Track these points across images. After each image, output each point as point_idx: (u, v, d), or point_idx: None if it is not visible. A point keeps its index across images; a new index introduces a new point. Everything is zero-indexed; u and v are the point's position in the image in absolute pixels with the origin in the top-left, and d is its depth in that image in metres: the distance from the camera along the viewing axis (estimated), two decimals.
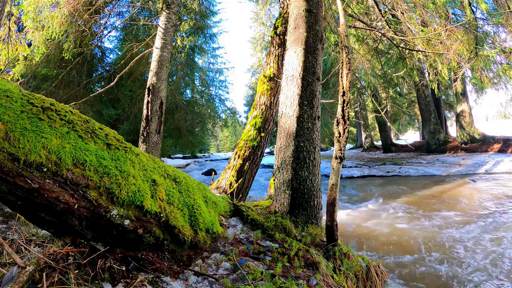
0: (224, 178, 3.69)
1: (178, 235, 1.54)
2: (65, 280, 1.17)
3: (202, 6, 14.29)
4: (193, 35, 15.05)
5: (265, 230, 2.05)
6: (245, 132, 3.86)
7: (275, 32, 3.98)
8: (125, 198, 1.33)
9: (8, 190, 1.10)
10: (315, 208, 2.37)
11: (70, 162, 1.19)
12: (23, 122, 1.10)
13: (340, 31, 2.17)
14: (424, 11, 4.91)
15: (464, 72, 6.57)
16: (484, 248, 3.00)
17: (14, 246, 1.56)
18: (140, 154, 1.57)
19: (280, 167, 2.44)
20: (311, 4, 2.58)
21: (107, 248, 1.38)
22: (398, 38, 4.58)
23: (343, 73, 2.02)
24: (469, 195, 5.51)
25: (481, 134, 12.88)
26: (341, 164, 1.97)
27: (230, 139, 46.59)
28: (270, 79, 3.84)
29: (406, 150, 15.65)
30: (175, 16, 5.15)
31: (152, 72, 4.78)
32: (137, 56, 5.84)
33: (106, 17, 5.93)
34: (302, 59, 2.47)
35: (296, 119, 2.40)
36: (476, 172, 8.36)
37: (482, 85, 8.66)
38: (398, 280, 2.44)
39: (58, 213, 1.21)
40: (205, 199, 1.95)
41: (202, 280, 1.41)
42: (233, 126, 37.03)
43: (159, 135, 4.64)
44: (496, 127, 21.26)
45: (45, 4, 4.85)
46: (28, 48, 5.31)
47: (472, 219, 4.00)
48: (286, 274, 1.59)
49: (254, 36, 28.11)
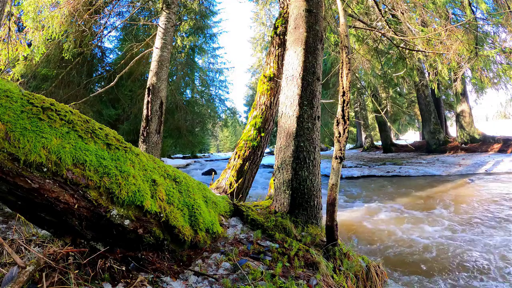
0: (224, 178, 3.69)
1: (178, 235, 1.54)
2: (65, 280, 1.16)
3: (202, 6, 14.29)
4: (193, 35, 15.06)
5: (265, 230, 2.05)
6: (245, 132, 3.86)
7: (275, 32, 3.98)
8: (125, 198, 1.33)
9: (8, 190, 1.10)
10: (315, 208, 2.37)
11: (70, 162, 1.19)
12: (23, 122, 1.10)
13: (340, 31, 2.17)
14: (424, 11, 4.90)
15: (464, 72, 6.57)
16: (487, 250, 3.01)
17: (14, 246, 1.56)
18: (140, 154, 1.57)
19: (280, 167, 2.44)
20: (311, 4, 2.58)
21: (107, 248, 1.38)
22: (398, 38, 4.58)
23: (343, 73, 2.02)
24: (469, 195, 5.51)
25: (481, 134, 12.88)
26: (341, 164, 1.97)
27: (230, 139, 46.58)
28: (270, 79, 3.84)
29: (406, 150, 15.65)
30: (175, 16, 5.15)
31: (152, 72, 4.78)
32: (137, 56, 5.84)
33: (106, 17, 5.93)
34: (302, 59, 2.47)
35: (296, 119, 2.40)
36: (476, 172, 8.36)
37: (482, 85, 8.66)
38: (399, 278, 2.44)
39: (58, 213, 1.21)
40: (205, 199, 1.95)
41: (202, 280, 1.41)
42: (233, 126, 37.04)
43: (159, 135, 4.64)
44: (496, 127, 21.26)
45: (45, 4, 4.85)
46: (28, 48, 5.31)
47: (472, 219, 4.00)
48: (286, 274, 1.58)
49: (254, 36, 28.13)
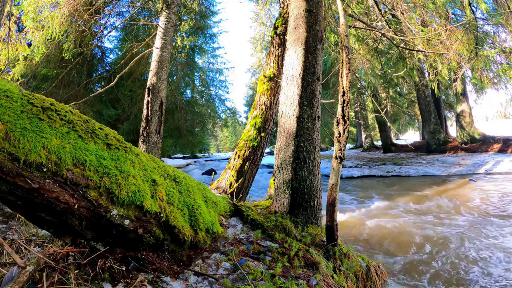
0: (224, 178, 3.69)
1: (178, 235, 1.54)
2: (65, 280, 1.16)
3: (202, 6, 14.29)
4: (193, 35, 15.06)
5: (265, 230, 2.05)
6: (245, 132, 3.86)
7: (275, 32, 3.98)
8: (125, 198, 1.33)
9: (8, 190, 1.10)
10: (315, 208, 2.37)
11: (70, 162, 1.18)
12: (23, 122, 1.10)
13: (340, 31, 2.17)
14: (424, 11, 4.90)
15: (464, 72, 6.57)
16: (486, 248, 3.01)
17: (14, 246, 1.56)
18: (140, 154, 1.57)
19: (280, 167, 2.44)
20: (311, 4, 2.58)
21: (107, 248, 1.38)
22: (398, 38, 4.58)
23: (343, 73, 2.02)
24: (469, 195, 5.51)
25: (481, 134, 12.88)
26: (341, 164, 1.97)
27: (230, 139, 46.58)
28: (270, 79, 3.84)
29: (406, 150, 15.65)
30: (175, 16, 5.15)
31: (152, 72, 4.78)
32: (137, 56, 5.84)
33: (106, 17, 5.93)
34: (302, 59, 2.47)
35: (296, 119, 2.40)
36: (476, 172, 8.36)
37: (482, 85, 8.66)
38: (399, 275, 2.44)
39: (58, 213, 1.21)
40: (205, 199, 1.95)
41: (202, 280, 1.41)
42: (233, 126, 37.04)
43: (159, 135, 4.64)
44: (496, 127, 21.26)
45: (45, 4, 4.85)
46: (28, 48, 5.31)
47: (472, 219, 4.00)
48: (286, 274, 1.58)
49: (254, 36, 28.14)
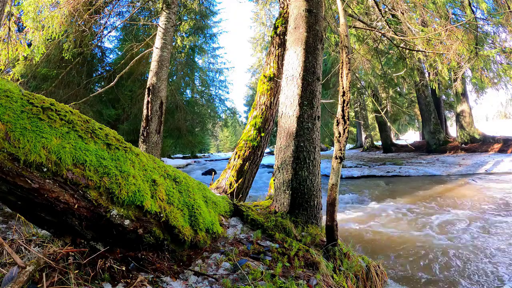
0: (224, 178, 3.69)
1: (178, 235, 1.54)
2: (65, 280, 1.16)
3: (202, 6, 14.30)
4: (193, 35, 15.07)
5: (265, 230, 2.05)
6: (245, 132, 3.86)
7: (275, 32, 3.98)
8: (125, 198, 1.33)
9: (8, 190, 1.10)
10: (315, 208, 2.37)
11: (70, 162, 1.18)
12: (23, 122, 1.10)
13: (340, 31, 2.17)
14: (424, 11, 4.90)
15: (464, 72, 6.57)
16: (484, 248, 3.00)
17: (14, 246, 1.56)
18: (140, 154, 1.57)
19: (280, 167, 2.44)
20: (311, 4, 2.58)
21: (107, 248, 1.38)
22: (398, 38, 4.58)
23: (343, 73, 2.02)
24: (469, 195, 5.50)
25: (481, 134, 12.87)
26: (341, 164, 1.97)
27: (230, 139, 46.56)
28: (270, 79, 3.84)
29: (406, 150, 15.64)
30: (175, 16, 5.15)
31: (152, 72, 4.78)
32: (137, 56, 5.84)
33: (106, 17, 5.93)
34: (302, 59, 2.47)
35: (296, 119, 2.40)
36: (476, 172, 8.36)
37: (482, 85, 8.66)
38: (399, 276, 2.44)
39: (58, 213, 1.21)
40: (205, 199, 1.95)
41: (202, 280, 1.41)
42: (233, 126, 37.04)
43: (159, 135, 4.64)
44: (496, 127, 21.25)
45: (45, 4, 4.85)
46: (28, 48, 5.31)
47: (472, 219, 4.00)
48: (286, 274, 1.58)
49: (254, 36, 28.13)
